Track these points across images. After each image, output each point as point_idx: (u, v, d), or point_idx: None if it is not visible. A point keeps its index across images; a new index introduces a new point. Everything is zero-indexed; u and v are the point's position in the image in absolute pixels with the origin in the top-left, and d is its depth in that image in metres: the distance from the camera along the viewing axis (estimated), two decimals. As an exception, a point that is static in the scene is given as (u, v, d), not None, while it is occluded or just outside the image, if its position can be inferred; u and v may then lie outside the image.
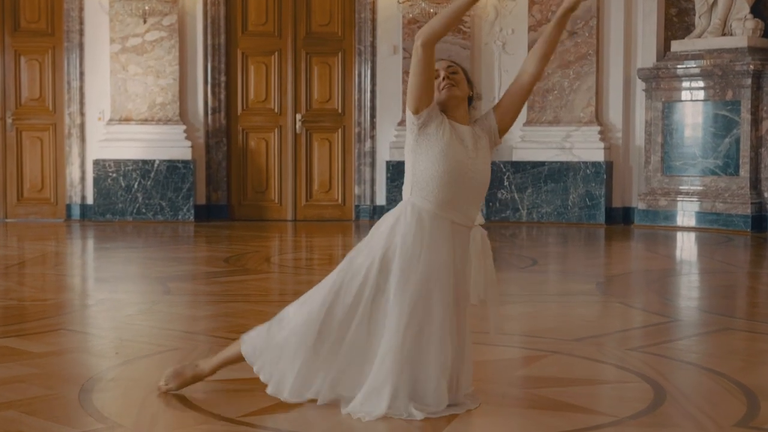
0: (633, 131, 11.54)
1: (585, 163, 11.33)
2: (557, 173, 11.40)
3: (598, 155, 11.34)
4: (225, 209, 11.88)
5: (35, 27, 11.76)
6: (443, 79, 3.69)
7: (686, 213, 10.98)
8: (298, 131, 11.94)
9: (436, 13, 11.09)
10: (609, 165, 11.37)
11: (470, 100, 3.84)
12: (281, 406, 3.62)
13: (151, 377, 4.00)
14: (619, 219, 11.52)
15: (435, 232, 3.59)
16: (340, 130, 11.99)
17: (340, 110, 11.98)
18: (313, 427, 3.45)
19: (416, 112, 3.65)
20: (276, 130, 11.97)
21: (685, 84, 11.00)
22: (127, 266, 8.07)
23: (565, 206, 11.40)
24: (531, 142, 11.55)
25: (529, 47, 11.49)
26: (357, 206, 11.94)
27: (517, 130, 11.62)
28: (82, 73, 11.61)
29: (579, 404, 3.77)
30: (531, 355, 4.70)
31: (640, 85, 11.37)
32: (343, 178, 12.00)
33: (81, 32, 11.61)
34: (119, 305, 6.01)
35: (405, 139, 3.77)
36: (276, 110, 11.97)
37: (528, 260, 8.26)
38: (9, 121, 11.74)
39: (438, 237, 3.59)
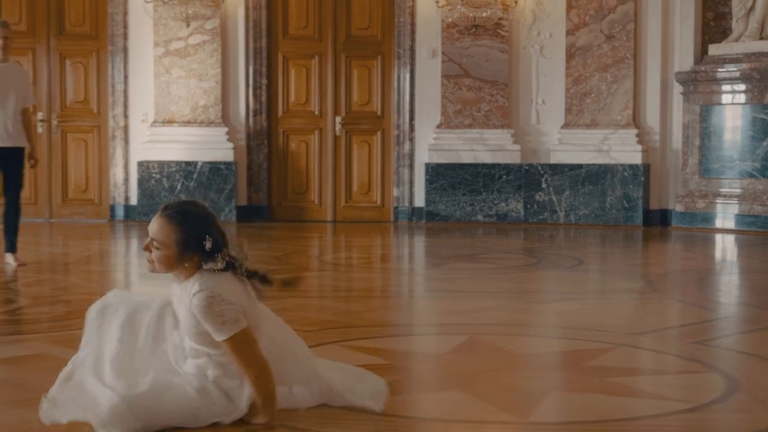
0: (670, 134, 11.65)
1: (622, 165, 11.45)
2: (595, 175, 11.52)
3: (636, 158, 11.45)
4: (265, 210, 12.05)
5: (80, 30, 11.98)
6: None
7: (724, 215, 11.07)
8: (337, 133, 12.11)
9: (476, 18, 11.28)
10: (646, 167, 11.48)
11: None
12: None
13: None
14: (657, 221, 11.62)
15: None
16: (379, 133, 12.14)
17: (379, 113, 12.13)
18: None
19: None
20: (316, 132, 12.13)
21: (724, 87, 11.09)
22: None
23: (603, 208, 11.52)
24: (569, 145, 11.67)
25: (567, 51, 11.66)
26: (396, 208, 12.09)
27: (554, 133, 11.75)
28: (126, 76, 11.81)
29: (653, 392, 3.90)
30: (597, 347, 4.82)
31: (677, 89, 11.48)
32: (382, 180, 12.15)
33: (125, 36, 11.81)
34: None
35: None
36: (316, 113, 12.14)
37: (573, 260, 8.39)
38: (54, 123, 11.95)
39: None
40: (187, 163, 11.57)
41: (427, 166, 11.74)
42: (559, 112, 11.79)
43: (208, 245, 3.35)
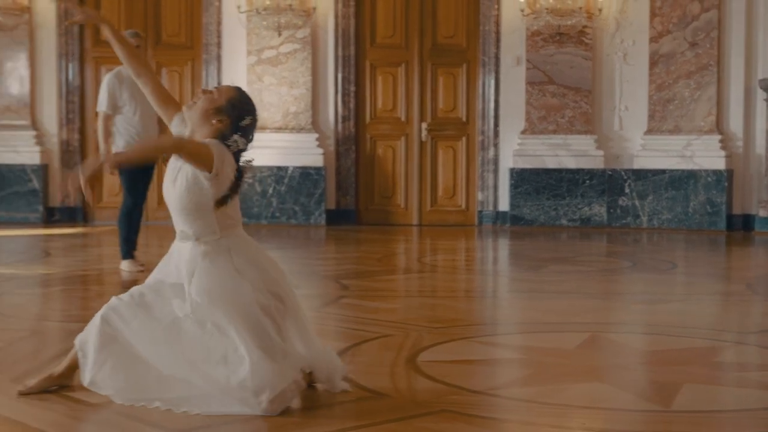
0: (753, 140, 11.78)
1: (706, 171, 11.61)
2: (678, 181, 11.70)
3: (719, 163, 11.61)
4: (353, 214, 12.38)
5: (176, 41, 12.42)
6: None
7: (808, 220, 11.20)
8: (423, 139, 12.41)
9: (560, 27, 11.53)
10: (729, 173, 11.63)
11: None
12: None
13: (383, 356, 4.47)
14: (740, 226, 11.76)
15: None
16: (464, 138, 12.43)
17: (464, 119, 12.42)
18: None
19: None
20: (402, 138, 12.45)
21: (808, 94, 11.22)
22: (290, 265, 8.57)
23: (686, 213, 11.69)
24: (652, 151, 11.86)
25: (650, 58, 11.85)
26: (480, 212, 12.36)
27: (637, 139, 11.95)
28: (219, 83, 12.21)
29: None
30: (717, 345, 5.06)
31: (761, 95, 11.61)
32: (467, 185, 12.43)
33: (219, 45, 12.23)
34: (304, 300, 6.49)
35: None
36: (402, 119, 12.46)
37: (667, 263, 8.60)
38: (151, 129, 12.40)
39: None
40: (279, 168, 11.95)
41: (512, 170, 12.00)
42: (642, 119, 11.99)
43: (245, 122, 3.83)
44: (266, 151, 11.98)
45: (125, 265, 7.51)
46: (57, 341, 4.87)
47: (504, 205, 12.19)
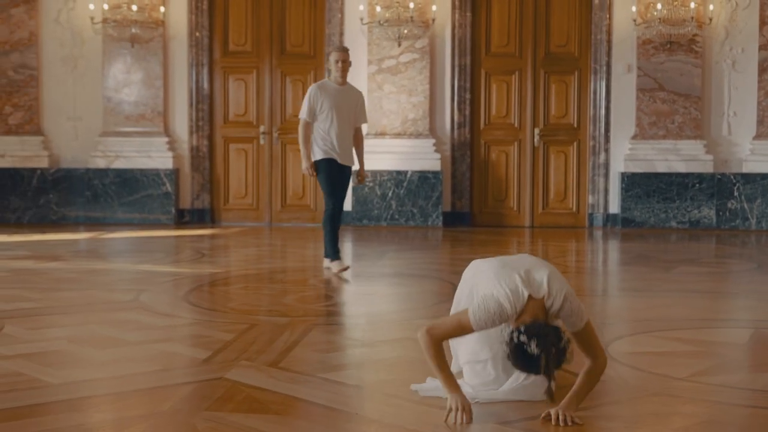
0: None
1: (815, 174, 11.96)
2: (787, 184, 12.05)
3: (828, 167, 11.95)
4: (467, 216, 12.91)
5: (299, 50, 13.05)
6: None
7: None
8: (536, 144, 12.90)
9: (671, 35, 11.91)
10: (838, 176, 11.97)
11: None
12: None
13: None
14: None
15: None
16: (575, 144, 12.89)
17: (575, 125, 12.89)
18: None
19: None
20: (515, 143, 12.95)
21: None
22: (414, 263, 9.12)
23: (795, 216, 12.04)
24: (761, 155, 12.22)
25: (759, 66, 12.20)
26: (590, 214, 12.81)
27: (746, 144, 12.32)
28: (341, 92, 12.81)
29: None
30: None
31: None
32: (577, 188, 12.90)
33: (340, 55, 12.81)
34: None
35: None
36: (516, 125, 12.96)
37: (792, 265, 9.00)
38: (275, 135, 13.04)
39: None
40: (398, 173, 12.51)
41: (623, 175, 12.43)
42: (750, 124, 12.36)
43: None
44: (386, 156, 12.56)
45: (331, 264, 8.05)
46: (277, 333, 5.43)
47: (614, 207, 12.63)
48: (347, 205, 12.80)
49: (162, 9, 12.71)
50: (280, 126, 13.08)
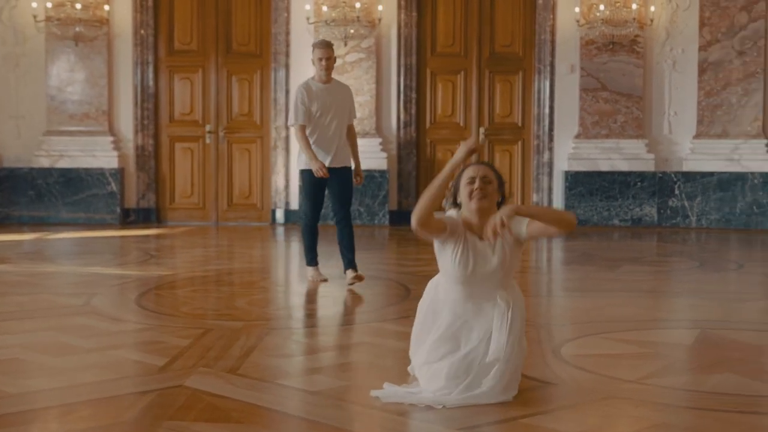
0: (798, 144, 12.42)
1: (753, 173, 12.23)
2: (726, 183, 12.32)
3: (766, 166, 12.23)
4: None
5: (245, 49, 13.04)
6: (476, 189, 4.18)
7: None
8: (481, 143, 13.03)
9: (613, 36, 12.11)
10: (776, 175, 12.27)
11: (499, 204, 4.29)
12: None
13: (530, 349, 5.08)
14: (785, 225, 12.40)
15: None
16: (519, 143, 13.05)
17: (520, 124, 13.05)
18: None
19: (437, 238, 4.17)
20: (461, 142, 13.04)
21: None
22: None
23: (733, 213, 12.31)
24: (700, 154, 12.48)
25: (699, 66, 12.45)
26: (535, 212, 12.95)
27: (686, 143, 12.58)
28: (287, 91, 12.84)
29: None
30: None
31: (806, 101, 12.25)
32: (522, 186, 13.06)
33: (287, 54, 12.84)
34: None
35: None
36: (461, 124, 13.09)
37: (732, 263, 9.21)
38: (221, 134, 13.02)
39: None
40: (345, 171, 12.53)
41: (567, 173, 12.62)
42: (690, 124, 12.62)
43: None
44: (333, 155, 12.57)
45: (309, 273, 7.81)
46: (233, 338, 5.45)
47: (558, 205, 12.80)
48: (293, 203, 12.83)
49: (106, 7, 12.62)
50: (226, 125, 13.06)
